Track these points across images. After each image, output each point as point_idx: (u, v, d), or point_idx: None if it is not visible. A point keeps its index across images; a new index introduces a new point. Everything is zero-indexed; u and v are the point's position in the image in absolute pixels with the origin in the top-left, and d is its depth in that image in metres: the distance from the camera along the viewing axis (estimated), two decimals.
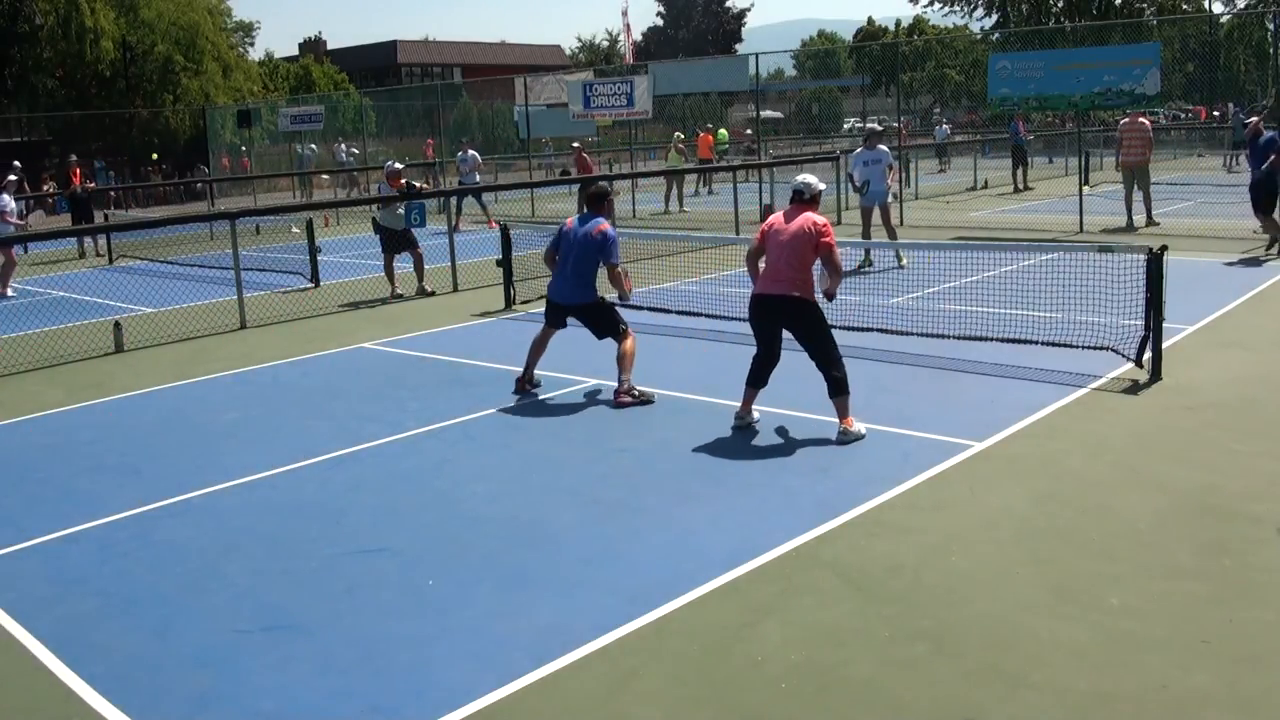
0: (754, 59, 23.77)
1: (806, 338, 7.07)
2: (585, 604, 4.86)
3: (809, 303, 7.01)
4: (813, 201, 7.18)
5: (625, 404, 8.07)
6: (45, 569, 5.58)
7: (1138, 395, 7.79)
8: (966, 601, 4.73)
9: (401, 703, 4.11)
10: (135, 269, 18.22)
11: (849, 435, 6.93)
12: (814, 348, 7.06)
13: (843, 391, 6.99)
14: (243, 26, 55.02)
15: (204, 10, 44.16)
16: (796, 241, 6.95)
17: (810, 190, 7.17)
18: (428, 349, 10.63)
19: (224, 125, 36.42)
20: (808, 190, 7.17)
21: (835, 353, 7.05)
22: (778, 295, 7.00)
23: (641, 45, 76.40)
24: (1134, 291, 8.83)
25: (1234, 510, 5.60)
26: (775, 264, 7.03)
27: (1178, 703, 3.89)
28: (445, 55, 77.67)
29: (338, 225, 24.48)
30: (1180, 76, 40.80)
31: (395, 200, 13.98)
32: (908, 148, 28.00)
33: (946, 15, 56.82)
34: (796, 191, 7.20)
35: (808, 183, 7.19)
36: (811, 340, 7.05)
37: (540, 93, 28.19)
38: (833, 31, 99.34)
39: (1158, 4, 50.63)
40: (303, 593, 5.14)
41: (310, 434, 7.80)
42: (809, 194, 7.17)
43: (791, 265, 6.94)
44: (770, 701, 4.02)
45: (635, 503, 6.11)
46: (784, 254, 6.98)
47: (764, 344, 7.22)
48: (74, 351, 11.24)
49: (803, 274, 6.98)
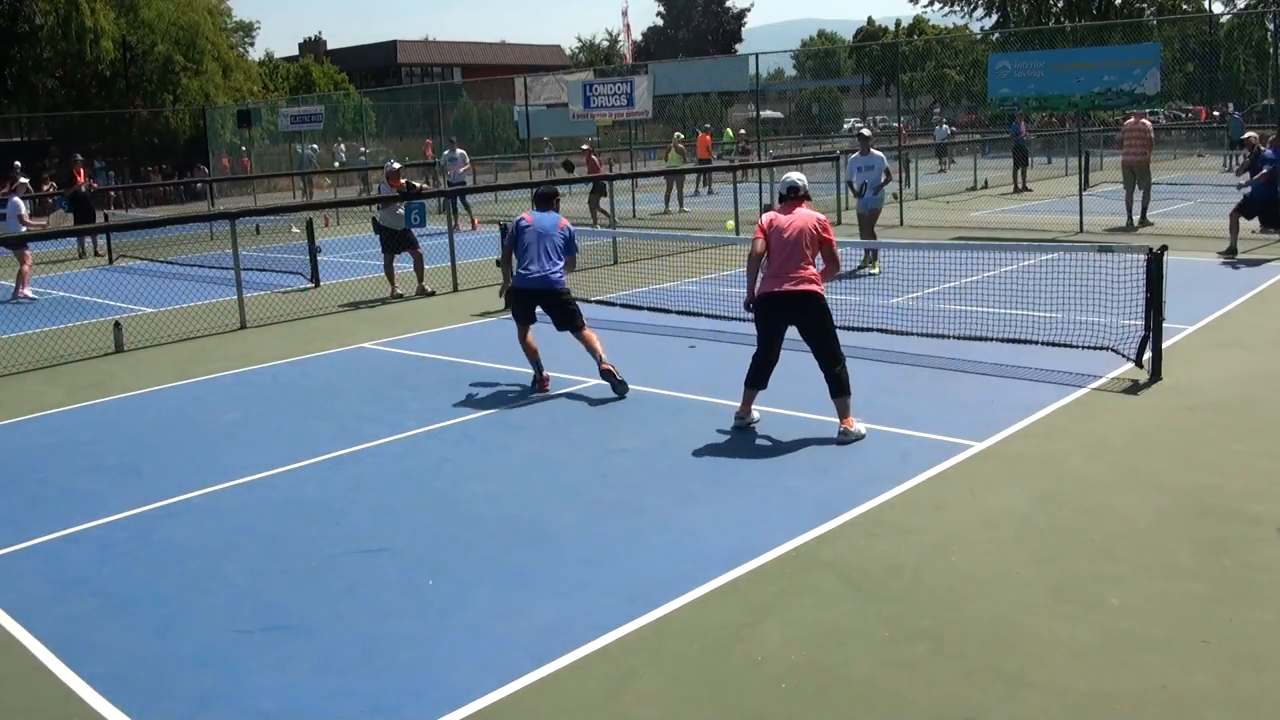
0: (754, 59, 23.78)
1: (817, 333, 7.05)
2: (585, 604, 4.86)
3: (823, 297, 7.06)
4: (805, 197, 7.26)
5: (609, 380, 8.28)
6: (45, 569, 5.58)
7: (1138, 395, 7.79)
8: (966, 601, 4.73)
9: (401, 703, 4.11)
10: (135, 269, 18.22)
11: (850, 435, 6.94)
12: (822, 343, 7.06)
13: (845, 391, 7.00)
14: (243, 26, 55.05)
15: (204, 10, 44.16)
16: (804, 237, 7.00)
17: (804, 187, 7.28)
18: (428, 349, 10.63)
19: (224, 125, 36.43)
20: (803, 187, 7.27)
21: (840, 350, 7.10)
22: (797, 291, 6.96)
23: (641, 45, 76.42)
24: (1134, 291, 8.83)
25: (1234, 510, 5.60)
26: (786, 261, 7.01)
27: (1178, 703, 3.89)
28: (445, 55, 77.70)
29: (338, 225, 24.48)
30: (1180, 76, 40.80)
31: (395, 200, 13.98)
32: (908, 148, 28.01)
33: (946, 15, 56.88)
34: (791, 189, 7.27)
35: (801, 179, 7.31)
36: (821, 335, 7.05)
37: (540, 93, 28.20)
38: (833, 31, 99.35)
39: (1158, 4, 50.64)
40: (303, 593, 5.14)
41: (310, 434, 7.80)
42: (803, 190, 7.26)
43: (805, 261, 6.99)
44: (770, 701, 4.02)
45: (635, 503, 6.11)
46: (794, 250, 6.99)
47: (768, 345, 7.20)
48: (74, 351, 11.24)
49: (812, 267, 7.03)
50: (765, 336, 7.21)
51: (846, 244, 12.94)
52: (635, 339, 10.47)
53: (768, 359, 7.20)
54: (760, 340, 7.24)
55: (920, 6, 57.41)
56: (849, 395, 7.03)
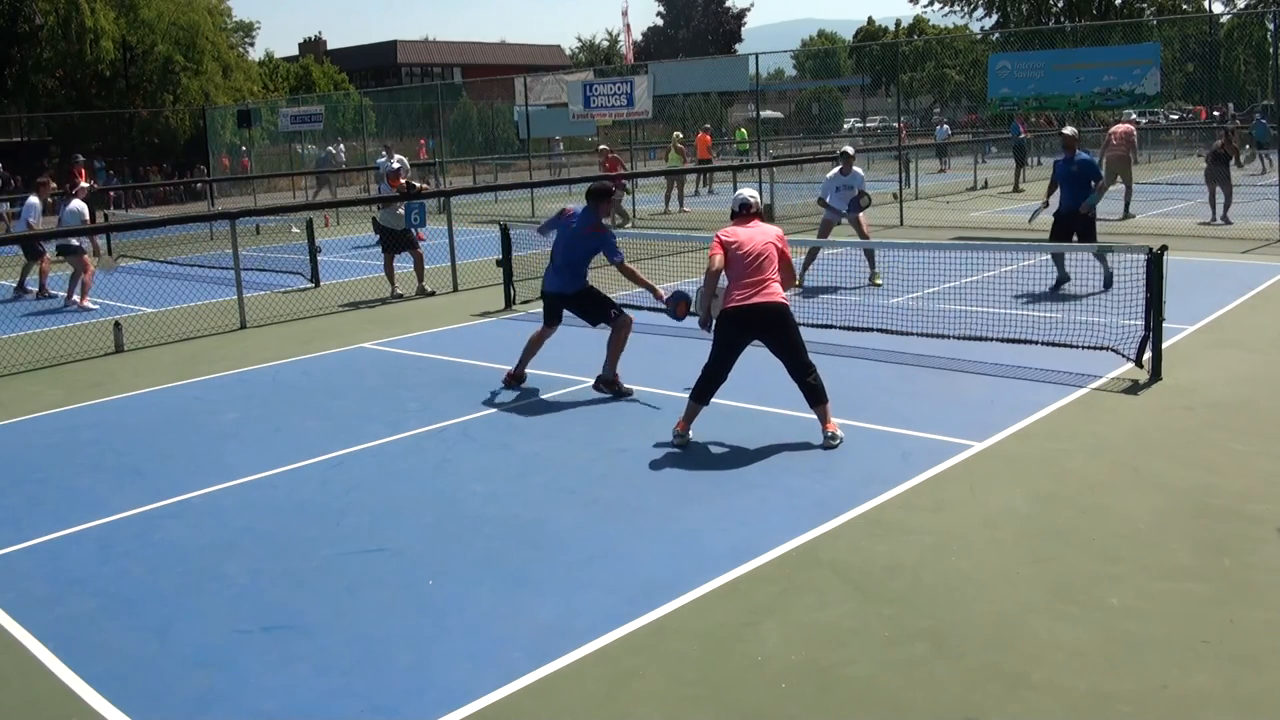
0: (754, 59, 23.75)
1: (785, 342, 6.97)
2: (585, 604, 4.86)
3: (789, 308, 7.01)
4: (759, 214, 7.27)
5: (600, 390, 8.35)
6: (45, 569, 5.58)
7: (1138, 395, 7.79)
8: (966, 601, 4.73)
9: (401, 703, 4.11)
10: (135, 269, 18.21)
11: (835, 439, 6.91)
12: (793, 355, 6.97)
13: (823, 398, 6.96)
14: (243, 27, 54.94)
15: (204, 10, 44.11)
16: (768, 250, 6.96)
17: (756, 203, 7.30)
18: (428, 349, 10.63)
19: (224, 125, 36.40)
20: (756, 203, 7.29)
21: (809, 358, 7.03)
22: (767, 303, 6.88)
23: (641, 45, 76.39)
24: (1134, 291, 8.84)
25: (1234, 510, 5.60)
26: (753, 274, 6.91)
27: (1178, 703, 3.89)
28: (445, 55, 77.74)
29: (338, 225, 24.48)
30: (1180, 76, 40.79)
31: (395, 200, 13.98)
32: (908, 148, 28.00)
33: (946, 15, 56.88)
34: (744, 205, 7.25)
35: (754, 195, 7.34)
36: (791, 347, 6.97)
37: (540, 93, 28.17)
38: (833, 31, 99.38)
39: (1158, 4, 50.63)
40: (303, 593, 5.14)
41: (310, 434, 7.80)
42: (756, 206, 7.27)
43: (770, 273, 6.93)
44: (770, 701, 4.02)
45: (635, 503, 6.12)
46: (759, 262, 6.91)
47: (725, 360, 7.04)
48: (74, 351, 11.24)
49: (778, 281, 6.97)
50: (726, 351, 7.03)
51: (845, 244, 12.95)
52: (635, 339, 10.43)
53: (721, 373, 7.05)
54: (717, 354, 7.05)
55: (920, 6, 57.48)
56: (827, 401, 6.99)
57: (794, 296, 7.19)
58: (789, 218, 21.16)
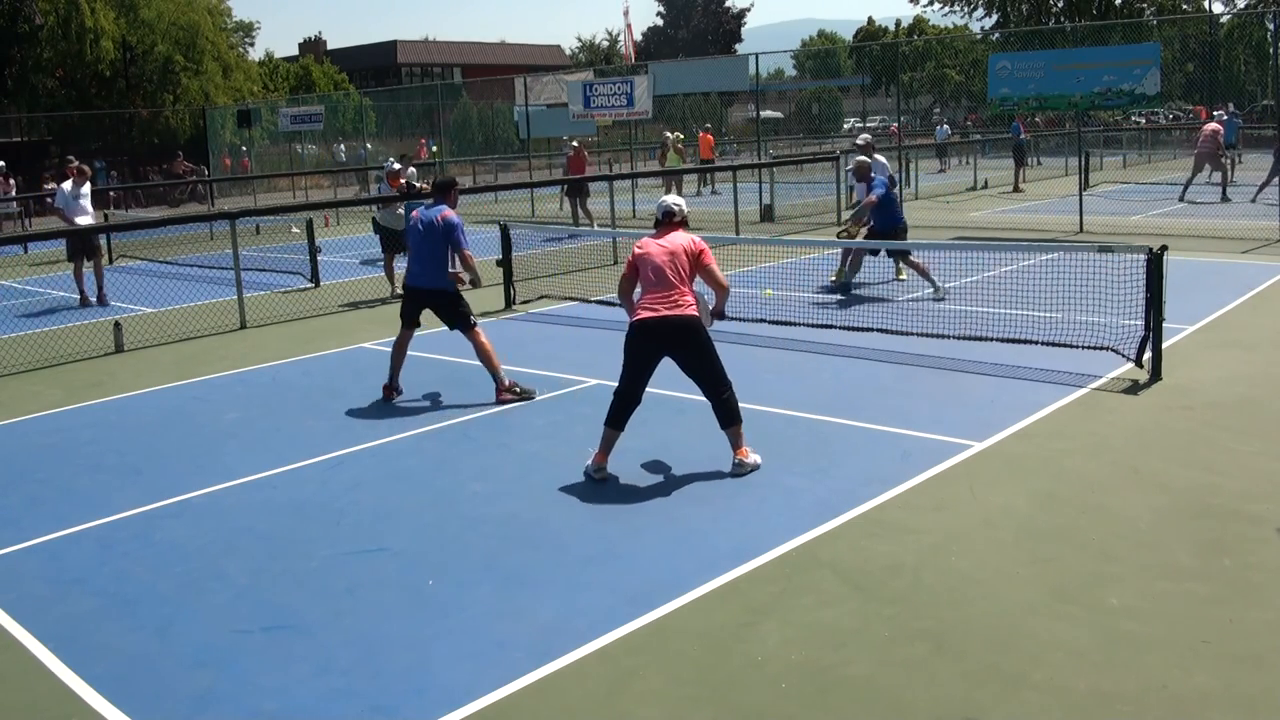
0: (754, 59, 23.77)
1: (696, 359, 6.50)
2: (585, 604, 4.86)
3: (699, 322, 6.51)
4: (683, 223, 6.85)
5: (508, 401, 8.30)
6: (45, 569, 5.58)
7: (1138, 395, 7.79)
8: (966, 601, 4.73)
9: (401, 703, 4.11)
10: (135, 269, 18.21)
11: (745, 467, 6.49)
12: (703, 371, 6.52)
13: (735, 419, 6.54)
14: (243, 27, 54.97)
15: (204, 10, 44.12)
16: (676, 261, 6.51)
17: (682, 212, 6.86)
18: (427, 349, 10.62)
19: (224, 125, 36.44)
20: (679, 211, 6.84)
21: (725, 373, 6.57)
22: (670, 316, 6.39)
23: (641, 45, 76.38)
24: (1134, 291, 8.84)
25: (1234, 510, 5.60)
26: (658, 285, 6.49)
27: (1178, 703, 3.89)
28: (445, 55, 77.75)
29: (338, 225, 24.48)
30: (1180, 76, 40.80)
31: (395, 200, 13.98)
32: (908, 148, 28.01)
33: (946, 15, 56.85)
34: (667, 213, 6.77)
35: (678, 204, 6.85)
36: (701, 362, 6.51)
37: (540, 93, 28.17)
38: (833, 31, 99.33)
39: (1158, 4, 50.61)
40: (303, 593, 5.14)
41: (310, 434, 7.80)
42: (679, 215, 6.80)
43: (677, 285, 6.48)
44: (770, 701, 4.02)
45: (635, 503, 6.12)
46: (665, 274, 6.48)
47: (637, 379, 6.56)
48: (74, 351, 11.24)
49: (689, 293, 6.53)
50: (634, 369, 6.55)
51: (849, 243, 12.92)
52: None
53: (633, 394, 6.57)
54: (626, 373, 6.58)
55: (920, 6, 57.45)
56: (740, 423, 6.56)
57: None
58: (789, 218, 21.17)
